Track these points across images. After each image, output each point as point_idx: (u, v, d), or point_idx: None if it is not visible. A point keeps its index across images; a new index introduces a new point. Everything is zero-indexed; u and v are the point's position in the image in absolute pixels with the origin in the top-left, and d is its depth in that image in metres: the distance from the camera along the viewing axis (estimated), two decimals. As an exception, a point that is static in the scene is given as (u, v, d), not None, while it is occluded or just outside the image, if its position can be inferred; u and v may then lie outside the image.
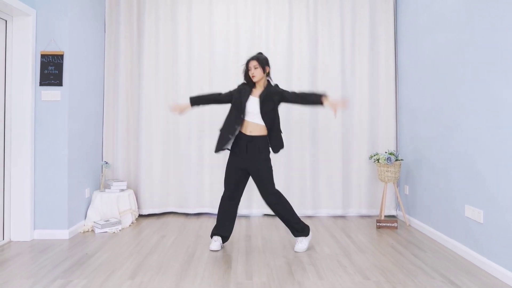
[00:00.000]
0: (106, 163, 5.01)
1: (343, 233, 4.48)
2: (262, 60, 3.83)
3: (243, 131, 3.80)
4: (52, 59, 4.21)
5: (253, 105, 3.78)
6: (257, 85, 3.89)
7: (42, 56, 4.20)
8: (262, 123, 3.77)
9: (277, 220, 5.06)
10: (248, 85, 3.91)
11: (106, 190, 4.81)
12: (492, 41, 3.29)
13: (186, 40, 5.35)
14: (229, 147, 3.88)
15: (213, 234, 3.95)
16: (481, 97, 3.43)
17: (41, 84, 4.19)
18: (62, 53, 4.22)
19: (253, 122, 3.78)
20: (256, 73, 3.80)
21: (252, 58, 3.84)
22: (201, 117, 5.34)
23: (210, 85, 5.34)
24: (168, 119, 5.35)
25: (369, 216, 5.34)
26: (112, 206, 4.65)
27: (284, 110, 5.30)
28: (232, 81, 5.26)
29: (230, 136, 3.76)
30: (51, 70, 4.21)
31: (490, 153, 3.30)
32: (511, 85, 3.06)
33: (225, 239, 3.96)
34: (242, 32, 5.36)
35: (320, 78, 5.39)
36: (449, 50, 3.98)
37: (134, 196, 5.10)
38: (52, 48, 4.23)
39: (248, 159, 3.78)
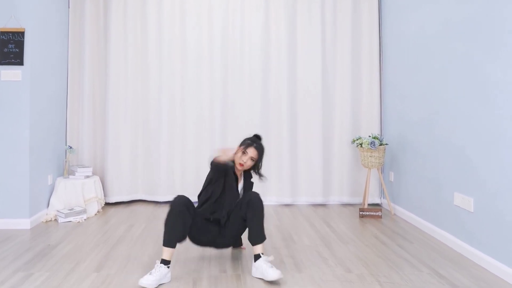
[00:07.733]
0: (70, 147, 4.88)
1: (323, 223, 4.42)
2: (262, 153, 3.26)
3: None
4: (12, 37, 4.12)
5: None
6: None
7: (2, 33, 4.11)
8: None
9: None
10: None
11: (70, 176, 4.73)
12: (484, 16, 3.20)
13: (156, 17, 5.21)
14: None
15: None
16: (470, 77, 3.36)
17: (0, 64, 4.09)
18: (23, 30, 4.13)
19: None
20: (248, 164, 3.19)
21: (254, 147, 3.18)
22: (172, 100, 5.20)
23: (182, 63, 5.20)
24: (138, 101, 5.24)
25: (351, 205, 5.29)
26: (77, 194, 4.57)
27: (260, 86, 5.20)
28: (204, 54, 5.20)
29: None
30: (11, 48, 4.11)
31: (481, 137, 3.23)
32: (502, 65, 2.98)
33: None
34: (214, 13, 5.22)
35: (299, 54, 5.26)
36: (436, 26, 3.91)
37: (100, 183, 5.02)
38: (12, 25, 4.13)
39: None
